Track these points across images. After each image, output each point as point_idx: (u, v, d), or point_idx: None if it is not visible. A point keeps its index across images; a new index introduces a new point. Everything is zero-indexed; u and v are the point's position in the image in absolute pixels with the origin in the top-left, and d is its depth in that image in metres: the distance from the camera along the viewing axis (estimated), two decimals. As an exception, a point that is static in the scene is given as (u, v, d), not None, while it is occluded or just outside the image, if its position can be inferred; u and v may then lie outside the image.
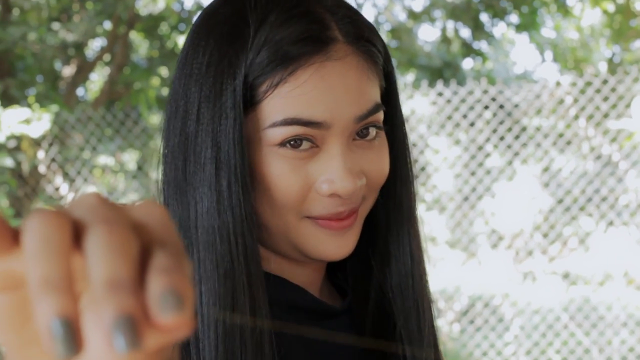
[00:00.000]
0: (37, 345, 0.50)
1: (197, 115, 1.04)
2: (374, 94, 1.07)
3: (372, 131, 1.07)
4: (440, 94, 6.49)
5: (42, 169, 7.04)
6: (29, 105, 7.06)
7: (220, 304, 1.01)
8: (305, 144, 1.03)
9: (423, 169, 6.57)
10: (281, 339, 1.07)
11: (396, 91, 1.16)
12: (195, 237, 1.03)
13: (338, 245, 1.08)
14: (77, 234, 0.47)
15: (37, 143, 6.92)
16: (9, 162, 6.21)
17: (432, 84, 6.60)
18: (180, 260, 0.47)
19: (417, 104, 6.67)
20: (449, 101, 6.46)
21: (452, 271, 6.73)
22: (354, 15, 1.09)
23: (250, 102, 1.02)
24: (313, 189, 1.04)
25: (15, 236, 0.47)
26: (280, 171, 1.03)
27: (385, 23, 11.53)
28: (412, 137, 6.66)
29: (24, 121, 6.42)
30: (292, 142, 1.02)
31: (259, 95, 1.02)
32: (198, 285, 1.02)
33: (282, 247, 1.10)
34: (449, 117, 6.53)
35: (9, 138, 6.48)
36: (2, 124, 6.25)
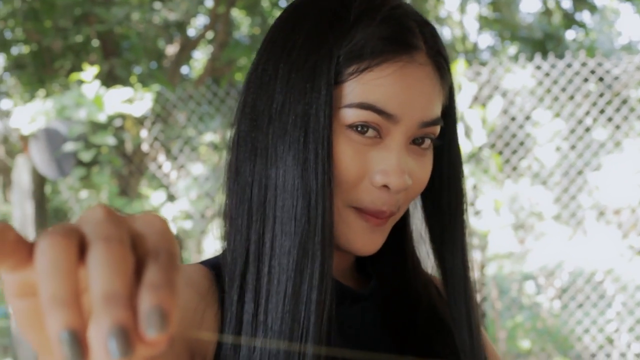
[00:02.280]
0: None
1: (286, 84, 1.11)
2: (438, 107, 1.16)
3: (427, 142, 1.17)
4: (538, 67, 6.39)
5: (145, 147, 7.18)
6: (131, 85, 7.19)
7: (293, 262, 1.07)
8: (371, 132, 1.11)
9: (522, 143, 6.47)
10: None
11: (456, 109, 1.24)
12: (272, 195, 1.10)
13: (368, 242, 1.15)
14: (83, 249, 0.54)
15: (140, 122, 7.06)
16: (111, 140, 6.35)
17: (530, 57, 6.50)
18: (171, 273, 0.54)
19: (516, 77, 6.57)
20: (547, 74, 6.35)
21: (557, 246, 6.64)
22: (436, 34, 1.19)
23: (334, 80, 1.10)
24: (367, 178, 1.12)
25: (30, 251, 0.55)
26: (344, 151, 1.10)
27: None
28: (511, 111, 6.57)
29: (127, 100, 6.56)
30: (360, 127, 1.10)
31: (344, 75, 1.10)
32: (270, 241, 1.09)
33: None
34: (548, 91, 6.43)
35: (111, 117, 6.61)
36: (106, 104, 6.38)
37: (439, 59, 1.16)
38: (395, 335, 1.25)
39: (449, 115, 1.22)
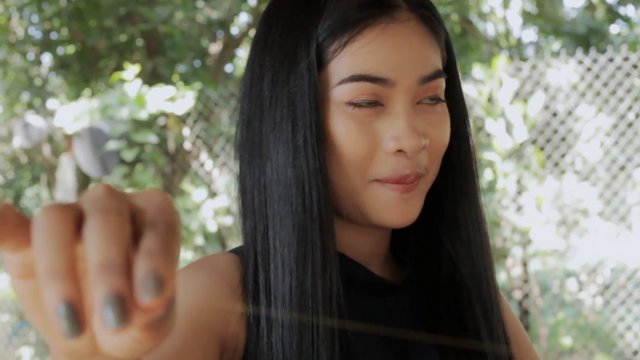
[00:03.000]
0: None
1: (271, 79, 1.11)
2: (436, 60, 1.12)
3: (435, 98, 1.12)
4: (580, 62, 6.33)
5: (187, 145, 7.23)
6: (174, 83, 7.24)
7: (294, 252, 1.07)
8: (373, 102, 1.08)
9: (563, 139, 6.42)
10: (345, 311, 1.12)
11: (456, 66, 1.21)
12: (270, 192, 1.10)
13: (402, 211, 1.11)
14: (81, 223, 0.54)
15: (182, 120, 7.11)
16: (153, 139, 6.40)
17: (572, 52, 6.45)
18: (168, 242, 0.53)
19: (557, 72, 6.52)
20: (589, 69, 6.30)
21: (600, 243, 6.57)
22: None
23: (320, 62, 1.09)
24: (380, 148, 1.09)
25: (31, 231, 0.54)
26: (348, 129, 1.08)
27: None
28: (553, 107, 6.52)
29: (169, 99, 6.60)
30: (360, 99, 1.07)
31: (328, 55, 1.08)
32: (274, 236, 1.09)
33: (349, 210, 1.14)
34: (590, 86, 6.37)
35: (154, 116, 6.67)
36: (148, 102, 6.44)
37: (422, 11, 1.12)
38: (431, 326, 1.23)
39: (450, 69, 1.19)
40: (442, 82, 1.13)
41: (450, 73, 1.19)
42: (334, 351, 1.06)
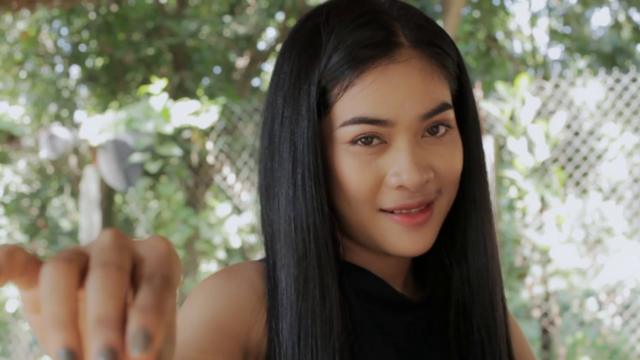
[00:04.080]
0: None
1: (281, 118, 1.16)
2: (441, 94, 1.14)
3: (442, 129, 1.15)
4: (603, 82, 6.33)
5: (210, 159, 7.27)
6: (198, 98, 7.30)
7: (295, 286, 1.12)
8: (375, 141, 1.12)
9: (585, 158, 6.41)
10: (360, 326, 1.19)
11: (469, 93, 1.23)
12: (277, 227, 1.16)
13: (414, 241, 1.15)
14: (86, 271, 0.60)
15: (205, 134, 7.15)
16: (177, 151, 6.46)
17: (595, 72, 6.45)
18: (162, 297, 0.59)
19: (579, 91, 6.52)
20: (612, 89, 6.30)
21: (620, 262, 6.54)
22: (422, 21, 1.17)
23: (325, 104, 1.13)
24: (383, 182, 1.13)
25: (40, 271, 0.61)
26: (353, 166, 1.12)
27: (555, 9, 11.28)
28: (574, 126, 6.51)
29: (193, 113, 6.66)
30: (362, 140, 1.12)
31: (332, 97, 1.12)
32: (279, 270, 1.15)
33: (363, 240, 1.19)
34: (613, 105, 6.37)
35: (178, 130, 6.72)
36: (173, 116, 6.49)
37: (426, 47, 1.14)
38: (449, 347, 1.26)
39: (461, 97, 1.22)
40: (448, 115, 1.15)
41: (463, 98, 1.22)
42: None
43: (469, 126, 1.22)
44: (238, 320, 1.12)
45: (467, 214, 1.24)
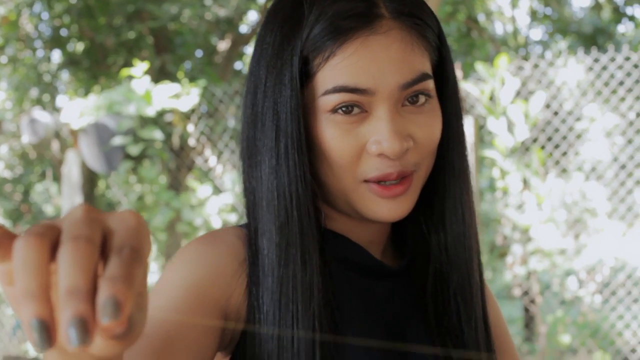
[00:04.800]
0: None
1: (264, 88, 1.18)
2: (420, 65, 1.17)
3: (422, 98, 1.18)
4: (581, 61, 6.36)
5: (192, 142, 7.28)
6: (179, 80, 7.29)
7: (276, 252, 1.15)
8: (355, 110, 1.14)
9: (564, 137, 6.44)
10: (340, 292, 1.21)
11: (449, 64, 1.26)
12: (259, 195, 1.18)
13: (391, 208, 1.18)
14: (58, 246, 0.62)
15: (187, 117, 7.15)
16: (158, 134, 6.46)
17: (573, 52, 6.47)
18: (131, 267, 0.61)
19: (559, 71, 6.54)
20: (590, 68, 6.33)
21: (599, 241, 6.59)
22: None
23: (307, 74, 1.15)
24: (364, 151, 1.15)
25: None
26: (334, 135, 1.14)
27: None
28: (554, 105, 6.54)
29: (174, 96, 6.66)
30: (343, 109, 1.14)
31: (314, 68, 1.15)
32: (261, 236, 1.17)
33: (343, 207, 1.21)
34: (592, 85, 6.40)
35: (160, 113, 6.72)
36: (154, 99, 6.49)
37: (407, 19, 1.16)
38: (427, 314, 1.29)
39: (441, 68, 1.24)
40: (427, 84, 1.17)
41: (443, 69, 1.24)
42: (315, 341, 1.13)
43: (449, 97, 1.25)
44: (218, 285, 1.13)
45: (445, 183, 1.26)
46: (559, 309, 6.71)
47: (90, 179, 7.06)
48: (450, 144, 1.25)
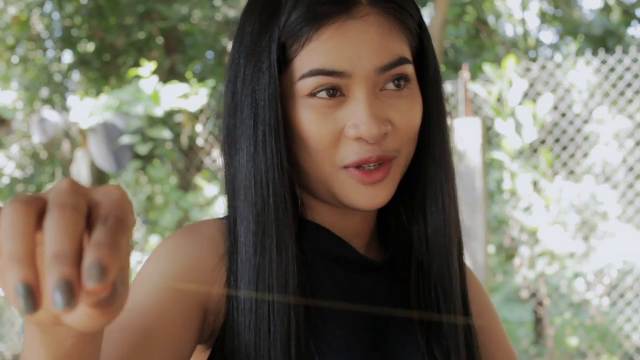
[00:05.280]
0: None
1: (243, 76, 1.18)
2: (399, 49, 1.16)
3: (401, 82, 1.17)
4: (588, 63, 6.35)
5: (200, 142, 7.29)
6: (187, 81, 7.31)
7: (253, 241, 1.15)
8: (333, 93, 1.14)
9: (572, 139, 6.43)
10: (321, 286, 1.20)
11: (430, 51, 1.25)
12: (237, 184, 1.18)
13: (370, 195, 1.17)
14: (44, 215, 0.62)
15: (195, 117, 7.17)
16: (167, 134, 6.48)
17: (581, 54, 6.46)
18: (116, 235, 0.62)
19: (567, 73, 6.53)
20: (598, 70, 6.32)
21: (608, 244, 6.56)
22: None
23: (285, 61, 1.15)
24: (343, 135, 1.15)
25: None
26: (312, 119, 1.14)
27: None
28: (562, 107, 6.53)
29: (182, 96, 6.68)
30: (320, 93, 1.14)
31: (292, 54, 1.15)
32: (239, 225, 1.17)
33: (324, 195, 1.20)
34: (599, 87, 6.39)
35: (169, 113, 6.74)
36: (162, 99, 6.51)
37: (385, 4, 1.16)
38: (406, 307, 1.28)
39: (422, 56, 1.24)
40: (406, 69, 1.17)
41: (424, 57, 1.24)
42: (290, 331, 1.12)
43: (430, 84, 1.24)
44: (198, 280, 1.13)
45: (426, 172, 1.25)
46: (567, 311, 6.70)
47: (99, 178, 7.08)
48: (431, 132, 1.24)
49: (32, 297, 0.59)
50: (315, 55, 1.13)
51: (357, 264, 1.26)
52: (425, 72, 1.24)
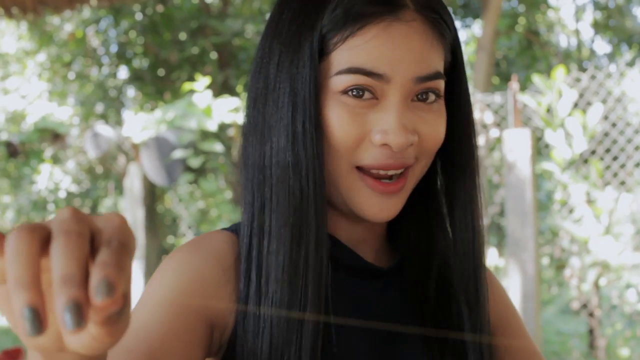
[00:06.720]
0: None
1: (277, 64, 1.15)
2: (436, 62, 1.15)
3: (431, 96, 1.16)
4: None
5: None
6: (238, 95, 7.38)
7: (289, 233, 1.12)
8: (366, 95, 1.12)
9: (622, 149, 6.38)
10: (330, 292, 1.16)
11: (462, 66, 1.24)
12: (269, 173, 1.14)
13: (382, 207, 1.16)
14: (48, 242, 0.65)
15: (246, 130, 7.21)
16: (218, 147, 6.54)
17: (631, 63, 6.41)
18: (120, 256, 0.64)
19: (617, 83, 6.48)
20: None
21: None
22: None
23: (322, 52, 1.13)
24: (367, 138, 1.13)
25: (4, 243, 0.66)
26: (341, 116, 1.12)
27: (599, 2, 11.19)
28: (612, 117, 6.48)
29: (233, 110, 6.75)
30: (354, 91, 1.11)
31: (330, 46, 1.12)
32: (268, 215, 1.14)
33: (335, 198, 1.18)
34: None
35: (221, 127, 6.81)
36: (214, 113, 6.58)
37: (429, 13, 1.15)
38: (418, 315, 1.27)
39: (454, 70, 1.22)
40: (439, 84, 1.16)
41: (456, 74, 1.23)
42: (318, 332, 1.12)
43: (460, 100, 1.24)
44: (203, 294, 1.12)
45: (455, 188, 1.25)
46: (619, 322, 6.63)
47: (151, 191, 7.16)
48: (461, 148, 1.24)
49: (38, 320, 0.61)
50: (356, 52, 1.11)
51: (364, 270, 1.24)
52: (457, 88, 1.23)
